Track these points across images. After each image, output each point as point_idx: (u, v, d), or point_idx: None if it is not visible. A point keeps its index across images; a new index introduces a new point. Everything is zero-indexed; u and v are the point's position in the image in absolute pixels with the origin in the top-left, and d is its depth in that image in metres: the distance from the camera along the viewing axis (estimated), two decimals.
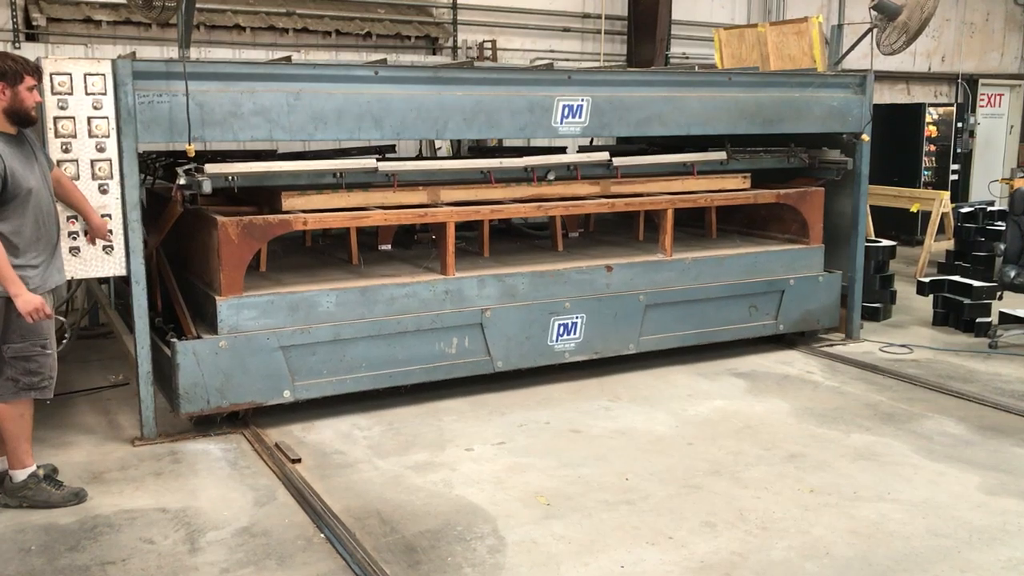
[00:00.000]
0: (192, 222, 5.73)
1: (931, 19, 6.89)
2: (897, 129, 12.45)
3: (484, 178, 6.26)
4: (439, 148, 9.51)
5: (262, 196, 5.85)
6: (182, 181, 5.16)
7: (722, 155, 7.04)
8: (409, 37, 9.88)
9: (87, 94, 4.86)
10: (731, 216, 7.89)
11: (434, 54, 10.16)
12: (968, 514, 4.39)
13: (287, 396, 5.42)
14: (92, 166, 4.92)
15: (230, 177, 5.31)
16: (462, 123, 5.80)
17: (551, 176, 6.33)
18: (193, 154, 5.12)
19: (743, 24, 11.19)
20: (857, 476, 4.84)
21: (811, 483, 4.73)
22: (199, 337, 5.27)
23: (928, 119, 12.75)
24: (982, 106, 15.11)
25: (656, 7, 10.89)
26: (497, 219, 6.70)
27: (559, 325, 6.19)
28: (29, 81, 4.30)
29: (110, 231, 4.97)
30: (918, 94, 14.42)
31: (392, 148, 8.40)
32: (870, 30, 7.24)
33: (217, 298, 5.25)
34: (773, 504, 4.48)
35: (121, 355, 6.56)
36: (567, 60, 10.92)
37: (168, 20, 5.82)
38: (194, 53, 8.29)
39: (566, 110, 6.14)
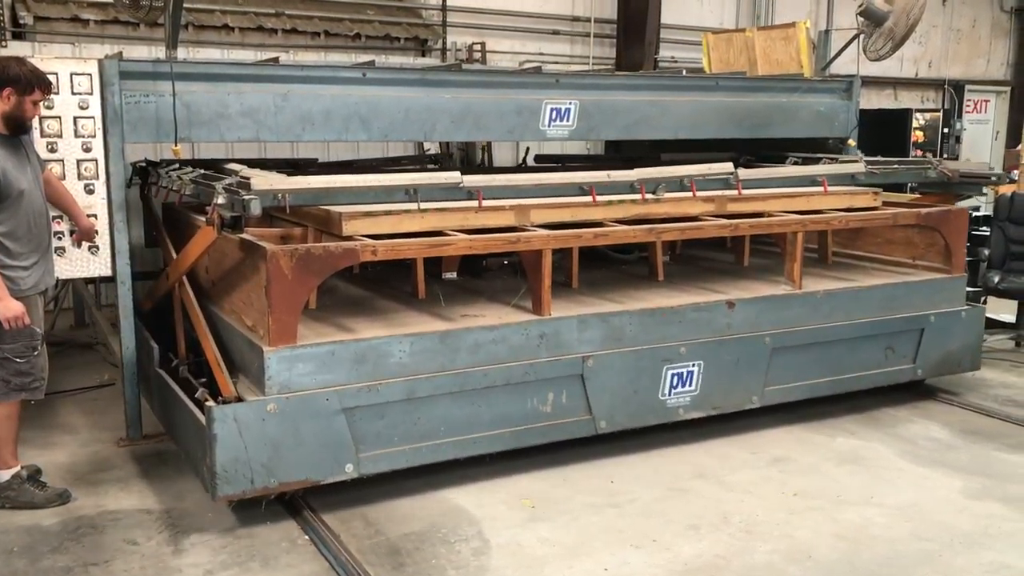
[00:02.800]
0: (227, 248, 4.73)
1: (917, 25, 6.94)
2: (884, 134, 12.49)
3: (576, 192, 5.25)
4: (428, 149, 9.51)
5: (309, 217, 4.89)
6: (220, 200, 4.14)
7: (859, 167, 6.20)
8: (398, 39, 9.87)
9: (73, 93, 4.85)
10: (839, 236, 6.91)
11: (423, 56, 10.15)
12: (951, 518, 4.42)
13: (349, 471, 4.35)
14: (78, 166, 4.91)
15: (279, 195, 4.33)
16: (450, 125, 5.80)
17: (661, 191, 5.36)
18: (180, 155, 5.11)
19: (732, 28, 11.23)
20: (842, 480, 4.86)
21: (796, 487, 4.75)
22: (240, 399, 4.19)
23: (915, 124, 12.80)
24: (968, 112, 15.19)
25: (645, 10, 10.91)
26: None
27: (672, 375, 5.15)
28: (37, 95, 4.36)
29: (96, 232, 4.96)
30: (905, 99, 14.49)
31: (449, 157, 7.76)
32: (856, 36, 7.29)
33: (265, 348, 4.16)
34: (758, 507, 4.50)
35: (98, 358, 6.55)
36: (556, 63, 10.93)
37: (156, 20, 5.82)
38: (182, 53, 8.26)
39: (554, 113, 6.15)
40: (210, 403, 4.07)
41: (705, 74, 8.25)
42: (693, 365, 5.21)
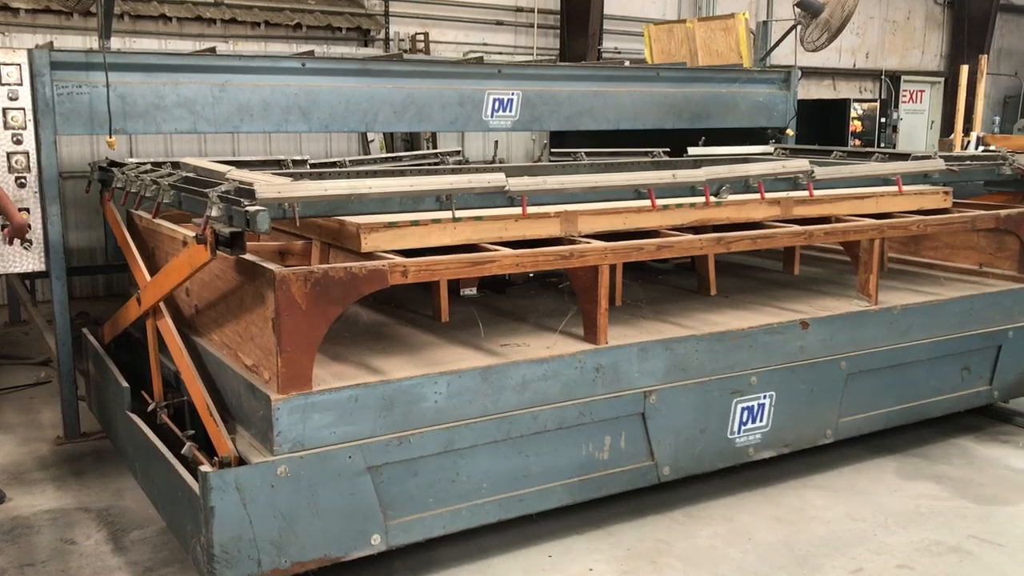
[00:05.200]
0: (218, 268, 3.84)
1: (852, 17, 7.08)
2: (824, 124, 12.74)
3: (631, 196, 4.42)
4: (372, 140, 9.47)
5: (314, 228, 4.15)
6: (215, 212, 3.33)
7: (939, 164, 5.38)
8: (340, 29, 9.79)
9: (2, 84, 4.74)
10: (894, 240, 6.21)
11: (366, 46, 10.09)
12: (885, 499, 4.54)
13: (376, 542, 3.58)
14: (8, 159, 4.80)
15: (288, 205, 3.43)
16: (392, 116, 5.79)
17: (724, 192, 4.59)
18: (115, 147, 5.02)
19: (673, 19, 11.34)
20: (782, 463, 4.95)
21: (737, 470, 4.82)
22: (242, 460, 3.38)
23: (853, 114, 13.07)
24: (904, 102, 15.55)
25: (588, 1, 10.97)
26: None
27: (742, 409, 4.46)
28: None
29: (29, 226, 4.85)
30: (844, 90, 14.78)
31: (458, 152, 7.06)
32: (794, 27, 7.42)
33: (272, 396, 3.36)
34: (699, 492, 4.56)
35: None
36: (500, 53, 10.94)
37: (88, 8, 5.70)
38: (119, 44, 8.10)
39: (496, 104, 6.17)
40: (206, 468, 3.27)
41: (647, 65, 8.33)
42: (765, 397, 4.53)
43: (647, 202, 4.32)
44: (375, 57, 7.14)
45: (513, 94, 6.21)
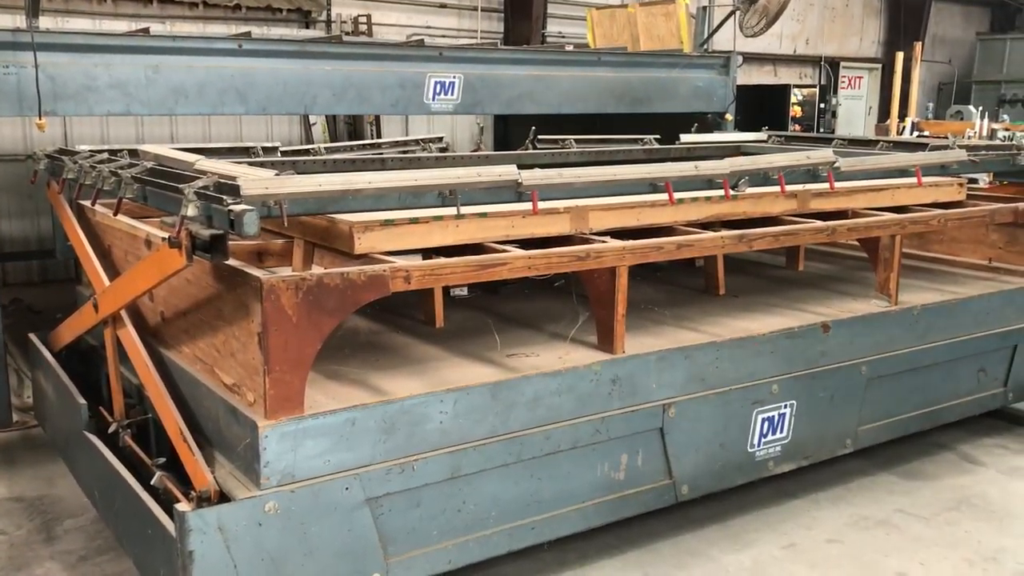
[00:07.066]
0: (190, 272, 3.27)
1: (789, 4, 7.18)
2: (765, 109, 12.92)
3: (646, 189, 4.00)
4: (314, 123, 9.38)
5: (298, 227, 3.74)
6: (191, 211, 2.93)
7: (960, 154, 5.03)
8: (281, 10, 9.65)
9: None
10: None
11: (307, 28, 9.96)
12: (816, 475, 4.64)
13: None
14: None
15: (273, 202, 2.96)
16: (331, 98, 5.75)
17: (743, 185, 4.22)
18: (45, 129, 4.91)
19: (616, 4, 11.39)
20: None
21: None
22: (224, 496, 2.98)
23: (793, 99, 13.27)
24: (843, 88, 15.83)
25: None
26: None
27: (763, 420, 4.15)
28: None
29: None
30: (784, 75, 14.98)
31: (440, 139, 6.60)
32: (732, 13, 7.50)
33: (259, 422, 2.96)
34: None
35: None
36: (444, 36, 10.88)
37: None
38: (50, 23, 7.92)
39: (438, 87, 6.15)
40: (183, 506, 2.87)
41: (588, 50, 8.36)
42: (785, 406, 4.23)
43: (660, 196, 3.97)
44: (314, 39, 7.08)
45: (455, 77, 6.19)
